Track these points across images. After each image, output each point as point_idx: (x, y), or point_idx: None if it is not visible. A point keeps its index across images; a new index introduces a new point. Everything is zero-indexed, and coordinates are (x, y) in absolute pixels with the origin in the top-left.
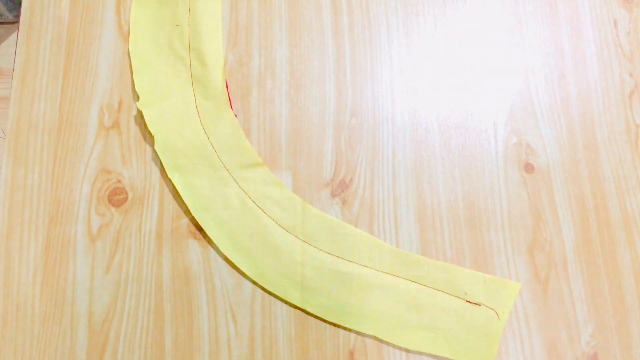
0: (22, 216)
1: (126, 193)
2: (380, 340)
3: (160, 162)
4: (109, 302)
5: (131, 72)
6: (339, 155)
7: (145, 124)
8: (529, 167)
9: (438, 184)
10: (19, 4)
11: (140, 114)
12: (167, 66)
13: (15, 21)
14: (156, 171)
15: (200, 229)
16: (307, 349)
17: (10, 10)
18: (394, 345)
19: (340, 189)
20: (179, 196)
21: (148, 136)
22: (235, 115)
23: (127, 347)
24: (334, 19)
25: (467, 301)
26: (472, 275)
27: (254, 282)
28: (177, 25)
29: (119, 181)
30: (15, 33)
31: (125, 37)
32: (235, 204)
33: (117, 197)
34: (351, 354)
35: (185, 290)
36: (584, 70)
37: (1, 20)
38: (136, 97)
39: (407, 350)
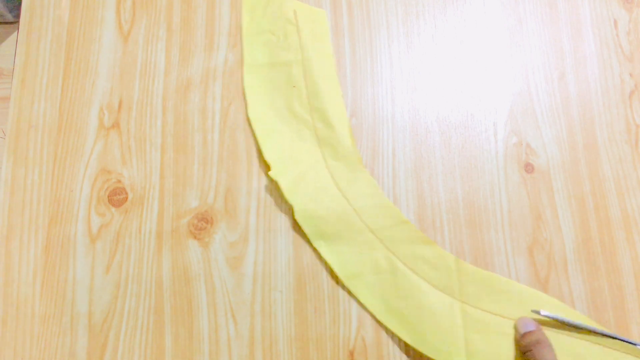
0: (22, 216)
1: (126, 193)
2: None
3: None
4: (109, 302)
5: (254, 138)
6: None
7: (144, 125)
8: (529, 167)
9: (438, 184)
10: (19, 4)
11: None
12: (290, 131)
13: (15, 21)
14: (156, 171)
15: (202, 229)
16: (307, 349)
17: (10, 10)
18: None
19: None
20: (179, 196)
21: (148, 136)
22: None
23: (127, 347)
24: (334, 19)
25: None
26: None
27: (415, 349)
28: (294, 87)
29: (119, 181)
30: (15, 33)
31: (125, 37)
32: (385, 267)
33: (117, 197)
34: (351, 354)
35: (185, 290)
36: (584, 70)
37: (1, 20)
38: (265, 165)
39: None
